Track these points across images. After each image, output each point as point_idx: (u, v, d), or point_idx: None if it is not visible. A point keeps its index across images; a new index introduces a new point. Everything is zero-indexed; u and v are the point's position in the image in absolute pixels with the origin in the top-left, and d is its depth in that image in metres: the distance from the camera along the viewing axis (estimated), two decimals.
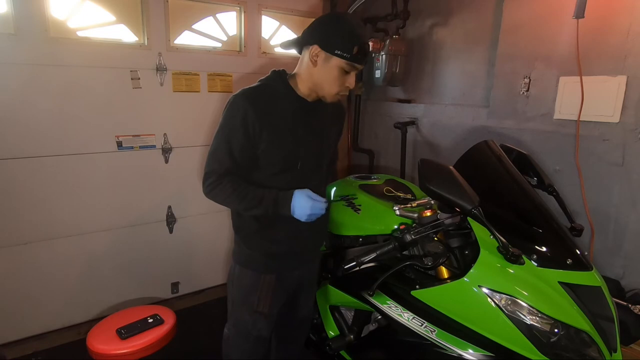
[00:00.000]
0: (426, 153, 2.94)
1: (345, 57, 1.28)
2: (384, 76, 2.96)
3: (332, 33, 1.28)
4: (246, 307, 1.49)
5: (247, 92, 1.33)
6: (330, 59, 1.29)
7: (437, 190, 1.29)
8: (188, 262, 2.81)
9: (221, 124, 1.35)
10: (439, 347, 1.32)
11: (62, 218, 2.31)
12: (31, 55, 2.09)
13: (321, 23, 1.32)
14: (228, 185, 1.33)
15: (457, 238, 1.43)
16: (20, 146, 2.14)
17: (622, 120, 1.93)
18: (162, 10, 2.41)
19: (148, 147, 2.52)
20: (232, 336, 1.57)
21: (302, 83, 1.38)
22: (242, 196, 1.33)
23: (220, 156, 1.33)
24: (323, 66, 1.30)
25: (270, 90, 1.36)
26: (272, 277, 1.47)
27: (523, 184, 1.52)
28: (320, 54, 1.29)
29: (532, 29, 2.23)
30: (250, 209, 1.35)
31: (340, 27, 1.29)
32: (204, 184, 1.36)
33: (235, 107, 1.31)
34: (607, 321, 1.29)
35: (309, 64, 1.33)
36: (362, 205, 1.79)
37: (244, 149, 1.33)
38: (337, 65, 1.29)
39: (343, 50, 1.27)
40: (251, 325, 1.51)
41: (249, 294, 1.48)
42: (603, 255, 2.04)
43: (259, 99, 1.32)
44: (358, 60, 1.30)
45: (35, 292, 2.30)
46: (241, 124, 1.30)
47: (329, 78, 1.32)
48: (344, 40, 1.27)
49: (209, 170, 1.35)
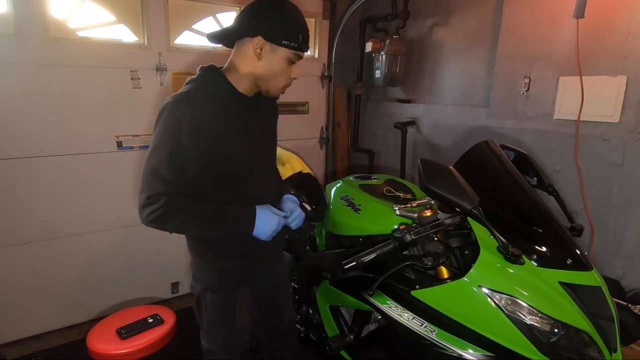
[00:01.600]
0: (426, 153, 2.94)
1: (293, 47, 1.19)
2: (384, 76, 2.96)
3: (277, 22, 1.18)
4: (225, 325, 1.41)
5: (185, 97, 1.18)
6: (277, 50, 1.19)
7: (437, 190, 1.28)
8: (188, 262, 2.80)
9: (159, 137, 1.16)
10: (439, 347, 1.32)
11: (62, 218, 2.31)
12: (31, 55, 2.09)
13: (260, 11, 1.20)
14: (180, 208, 1.16)
15: (457, 238, 1.43)
16: (20, 146, 2.14)
17: (622, 120, 1.93)
18: (162, 10, 2.41)
19: (148, 147, 2.52)
20: (213, 350, 1.48)
21: (242, 78, 1.25)
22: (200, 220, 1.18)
23: (165, 174, 1.14)
24: (269, 59, 1.20)
25: (208, 91, 1.21)
26: (247, 291, 1.41)
27: (523, 184, 1.52)
28: (265, 46, 1.18)
29: (532, 29, 2.23)
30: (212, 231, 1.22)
31: (285, 15, 1.19)
32: (144, 210, 1.16)
33: (175, 116, 1.15)
34: (607, 321, 1.29)
35: (251, 57, 1.20)
36: (362, 205, 1.78)
37: (193, 161, 1.16)
38: (284, 57, 1.21)
39: (290, 39, 1.18)
40: (232, 339, 1.45)
41: (226, 314, 1.39)
42: (603, 255, 2.04)
43: (200, 102, 1.17)
44: (303, 48, 1.23)
45: (35, 292, 2.30)
46: (186, 132, 1.13)
47: (276, 71, 1.22)
48: (290, 29, 1.19)
49: (152, 193, 1.14)
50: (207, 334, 1.47)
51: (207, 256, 1.37)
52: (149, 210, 1.16)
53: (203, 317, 1.44)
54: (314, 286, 1.96)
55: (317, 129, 3.43)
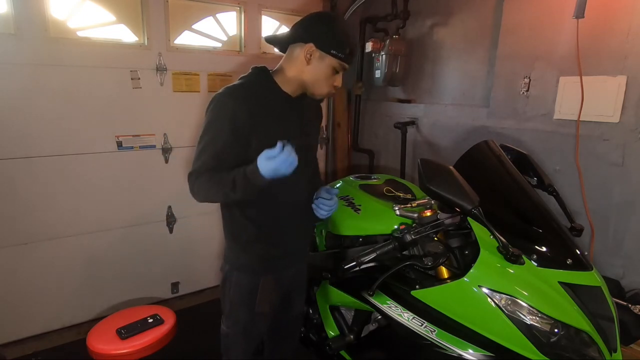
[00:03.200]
0: (426, 153, 2.94)
1: (340, 57, 1.31)
2: (384, 76, 2.96)
3: (328, 33, 1.30)
4: (246, 308, 1.49)
5: (233, 91, 1.30)
6: (325, 58, 1.31)
7: (437, 190, 1.29)
8: (188, 262, 2.81)
9: (207, 124, 1.30)
10: (439, 347, 1.32)
11: (62, 218, 2.31)
12: (31, 55, 2.09)
13: (315, 22, 1.33)
14: (204, 178, 1.30)
15: (457, 238, 1.43)
16: (20, 146, 2.14)
17: (622, 120, 1.93)
18: (162, 10, 2.41)
19: (148, 147, 2.52)
20: (231, 334, 1.57)
21: (289, 80, 1.37)
22: (218, 183, 1.28)
23: (206, 158, 1.30)
24: (316, 65, 1.32)
25: (255, 88, 1.34)
26: (271, 278, 1.48)
27: (523, 184, 1.52)
28: (315, 53, 1.30)
29: (532, 29, 2.23)
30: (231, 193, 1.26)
31: (336, 27, 1.32)
32: (189, 186, 1.34)
33: (221, 107, 1.28)
34: (607, 321, 1.29)
35: (301, 61, 1.32)
36: (362, 205, 1.79)
37: (232, 150, 1.29)
38: (330, 65, 1.32)
39: (338, 50, 1.30)
40: (251, 324, 1.52)
41: (248, 296, 1.47)
42: (603, 255, 2.04)
43: (246, 96, 1.30)
44: (348, 60, 1.34)
45: (35, 292, 2.30)
46: (229, 124, 1.26)
47: (321, 77, 1.34)
48: (339, 41, 1.30)
49: (193, 170, 1.33)
50: (227, 317, 1.55)
51: (240, 239, 1.46)
52: (190, 186, 1.34)
53: (226, 299, 1.53)
54: (314, 286, 1.97)
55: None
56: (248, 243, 1.45)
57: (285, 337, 1.74)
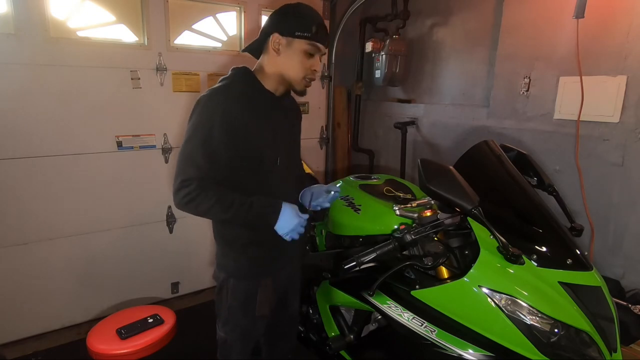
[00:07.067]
0: (426, 153, 2.94)
1: (306, 37, 1.28)
2: (384, 76, 2.96)
3: (288, 16, 1.30)
4: (245, 313, 1.46)
5: (220, 91, 1.29)
6: (292, 43, 1.29)
7: (437, 190, 1.29)
8: (188, 262, 2.81)
9: (194, 125, 1.26)
10: (439, 347, 1.32)
11: (62, 218, 2.31)
12: (31, 55, 2.09)
13: (275, 13, 1.33)
14: (211, 193, 1.23)
15: (457, 238, 1.43)
16: (20, 146, 2.14)
17: (622, 120, 1.93)
18: (162, 10, 2.41)
19: (148, 147, 2.52)
20: (230, 339, 1.53)
21: (268, 77, 1.36)
22: (229, 204, 1.24)
23: (198, 160, 1.23)
24: (286, 52, 1.30)
25: (239, 87, 1.32)
26: (269, 280, 1.46)
27: (523, 184, 1.52)
28: (282, 41, 1.29)
29: (532, 29, 2.23)
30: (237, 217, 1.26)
31: (295, 9, 1.31)
32: (179, 193, 1.24)
33: (211, 107, 1.26)
34: (607, 321, 1.29)
35: (272, 54, 1.32)
36: (362, 205, 1.78)
37: (225, 149, 1.25)
38: (300, 49, 1.30)
39: (302, 29, 1.27)
40: (251, 328, 1.50)
41: (247, 302, 1.45)
42: (603, 255, 2.04)
43: (231, 96, 1.28)
44: (319, 39, 1.30)
45: (35, 292, 2.30)
46: (222, 123, 1.23)
47: (294, 62, 1.31)
48: (301, 21, 1.29)
49: (185, 177, 1.23)
50: (225, 324, 1.50)
51: (235, 244, 1.42)
52: (182, 193, 1.24)
53: (223, 306, 1.48)
54: (314, 286, 1.97)
55: (317, 129, 3.43)
56: (243, 247, 1.42)
57: (282, 337, 1.74)
